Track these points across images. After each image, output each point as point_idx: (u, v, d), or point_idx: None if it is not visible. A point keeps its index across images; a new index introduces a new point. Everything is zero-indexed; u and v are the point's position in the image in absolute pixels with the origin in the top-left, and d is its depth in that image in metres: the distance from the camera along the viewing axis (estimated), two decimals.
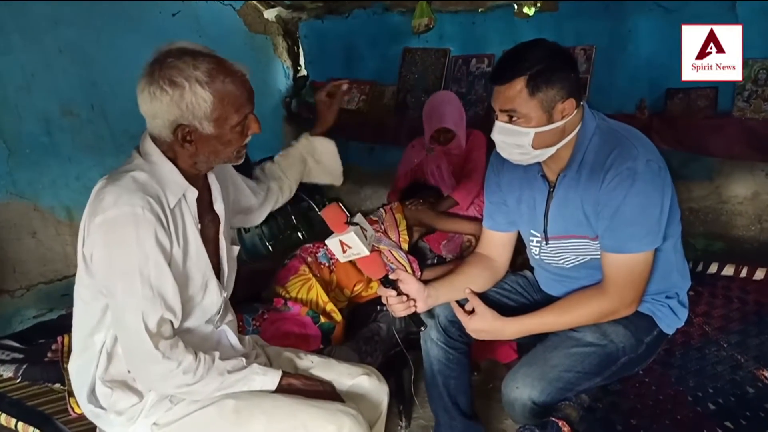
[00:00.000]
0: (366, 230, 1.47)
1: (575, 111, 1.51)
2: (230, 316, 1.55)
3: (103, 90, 2.96)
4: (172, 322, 1.29)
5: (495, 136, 1.55)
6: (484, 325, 1.60)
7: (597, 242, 1.58)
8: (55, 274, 2.84)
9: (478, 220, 2.52)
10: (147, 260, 1.22)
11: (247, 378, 1.37)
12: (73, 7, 2.86)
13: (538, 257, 1.76)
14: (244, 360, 1.40)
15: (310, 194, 3.99)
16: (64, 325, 1.43)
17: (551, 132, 1.50)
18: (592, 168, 1.53)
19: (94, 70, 2.95)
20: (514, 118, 1.49)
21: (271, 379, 1.39)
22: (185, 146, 1.28)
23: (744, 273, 2.17)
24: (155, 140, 1.31)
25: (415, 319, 1.62)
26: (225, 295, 1.45)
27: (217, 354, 1.35)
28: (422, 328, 1.65)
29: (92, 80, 2.95)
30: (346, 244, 1.45)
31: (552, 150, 1.53)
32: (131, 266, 1.22)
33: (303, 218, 3.89)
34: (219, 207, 1.45)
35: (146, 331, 1.23)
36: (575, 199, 1.57)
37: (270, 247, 3.58)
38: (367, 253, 1.47)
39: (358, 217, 1.49)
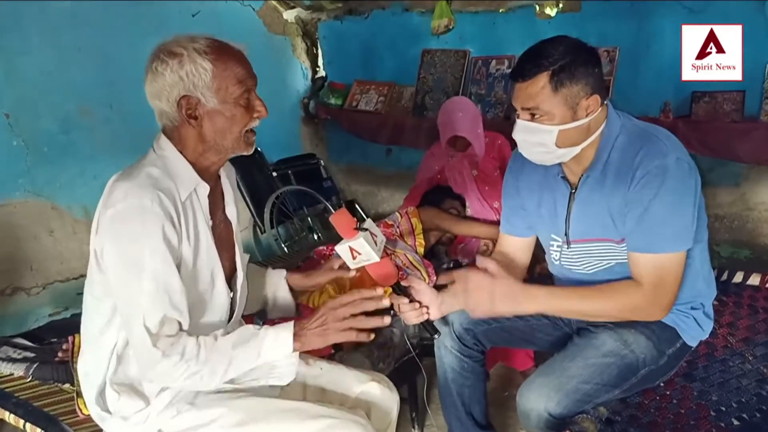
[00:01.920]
0: (376, 236, 1.44)
1: (600, 108, 1.46)
2: (243, 323, 1.51)
3: (122, 89, 2.97)
4: (179, 322, 1.26)
5: (516, 135, 1.51)
6: (502, 287, 1.49)
7: (621, 245, 1.52)
8: (71, 273, 2.86)
9: (495, 224, 2.48)
10: (153, 254, 1.21)
11: (257, 349, 1.29)
12: (92, 7, 2.88)
13: (558, 263, 1.71)
14: (250, 327, 1.34)
15: (327, 196, 3.99)
16: (76, 324, 1.42)
17: (576, 130, 1.45)
18: (618, 168, 1.48)
19: (113, 69, 2.96)
20: (537, 116, 1.45)
21: (284, 337, 1.30)
22: (191, 123, 1.27)
23: None
24: (166, 134, 1.32)
25: (428, 326, 1.58)
26: (232, 294, 1.42)
27: (219, 331, 1.31)
28: (436, 336, 1.61)
29: (111, 79, 2.97)
30: (356, 251, 1.42)
31: (577, 149, 1.49)
32: (138, 260, 1.20)
33: (319, 220, 3.89)
34: (231, 211, 1.45)
35: (145, 328, 1.21)
36: (599, 201, 1.52)
37: (285, 249, 3.57)
38: (377, 259, 1.43)
39: (368, 222, 1.46)
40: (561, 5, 3.34)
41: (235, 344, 1.29)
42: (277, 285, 1.64)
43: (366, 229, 1.42)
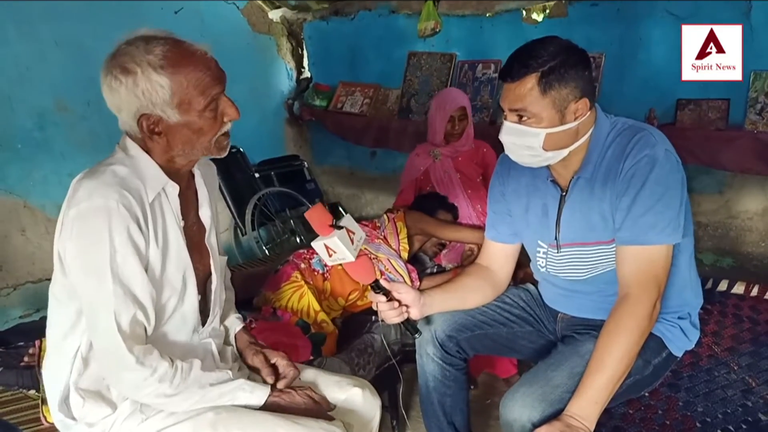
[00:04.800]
0: (354, 233, 1.39)
1: (589, 112, 1.44)
2: (217, 328, 1.47)
3: (100, 86, 2.89)
4: (145, 327, 1.22)
5: (503, 137, 1.48)
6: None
7: (612, 246, 1.49)
8: (43, 273, 2.78)
9: (481, 229, 2.46)
10: (116, 254, 1.16)
11: (232, 393, 1.30)
12: (72, 1, 2.81)
13: (544, 269, 1.67)
14: (229, 372, 1.33)
15: (310, 198, 3.94)
16: (44, 327, 1.35)
17: (564, 133, 1.42)
18: (609, 164, 1.46)
19: (92, 65, 2.81)
20: (524, 118, 1.41)
21: (257, 396, 1.32)
22: (154, 139, 1.22)
23: (755, 291, 2.10)
24: (131, 137, 1.26)
25: (409, 326, 1.54)
26: (200, 298, 1.37)
27: (197, 363, 1.27)
28: (416, 335, 1.57)
29: (89, 76, 2.82)
30: (331, 249, 1.37)
31: (564, 152, 1.46)
32: (103, 261, 1.15)
33: (301, 222, 3.84)
34: (204, 213, 1.39)
35: (119, 333, 1.16)
36: (590, 202, 1.50)
37: (267, 251, 3.52)
38: (352, 258, 1.38)
39: (346, 219, 1.40)
40: (548, 10, 3.34)
41: (212, 384, 1.28)
42: (229, 329, 1.56)
43: (342, 227, 1.37)
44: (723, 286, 2.15)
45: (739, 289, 2.13)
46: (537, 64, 1.37)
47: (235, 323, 1.56)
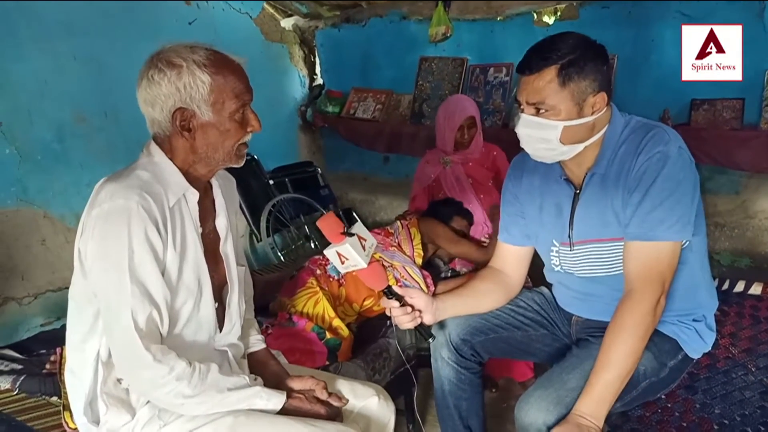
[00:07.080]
0: (365, 240, 1.41)
1: (606, 108, 1.45)
2: (236, 342, 1.47)
3: (117, 97, 2.95)
4: (159, 329, 1.24)
5: (519, 129, 1.48)
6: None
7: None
8: (63, 282, 2.81)
9: (487, 248, 2.55)
10: (133, 255, 1.19)
11: (249, 399, 1.31)
12: (88, 15, 2.87)
13: (558, 268, 1.67)
14: (246, 378, 1.35)
15: (324, 204, 3.96)
16: (65, 335, 1.38)
17: (581, 127, 1.43)
18: (623, 160, 1.46)
19: (108, 77, 2.94)
20: (542, 111, 1.42)
21: (274, 403, 1.33)
22: (184, 135, 1.27)
23: None
24: (157, 142, 1.31)
25: (423, 330, 1.56)
26: (216, 305, 1.39)
27: (214, 366, 1.29)
28: (430, 339, 1.59)
29: (106, 88, 2.94)
30: (343, 256, 1.40)
31: (580, 147, 1.47)
32: (122, 261, 1.18)
33: (315, 228, 3.85)
34: (220, 222, 1.42)
35: (136, 330, 1.18)
36: (604, 199, 1.50)
37: (282, 257, 3.54)
38: (364, 265, 1.41)
39: (357, 226, 1.43)
40: (559, 13, 3.34)
41: (230, 389, 1.29)
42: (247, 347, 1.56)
43: (353, 234, 1.39)
44: (740, 286, 2.14)
45: (756, 290, 2.11)
46: (557, 56, 1.38)
47: (256, 344, 1.56)
